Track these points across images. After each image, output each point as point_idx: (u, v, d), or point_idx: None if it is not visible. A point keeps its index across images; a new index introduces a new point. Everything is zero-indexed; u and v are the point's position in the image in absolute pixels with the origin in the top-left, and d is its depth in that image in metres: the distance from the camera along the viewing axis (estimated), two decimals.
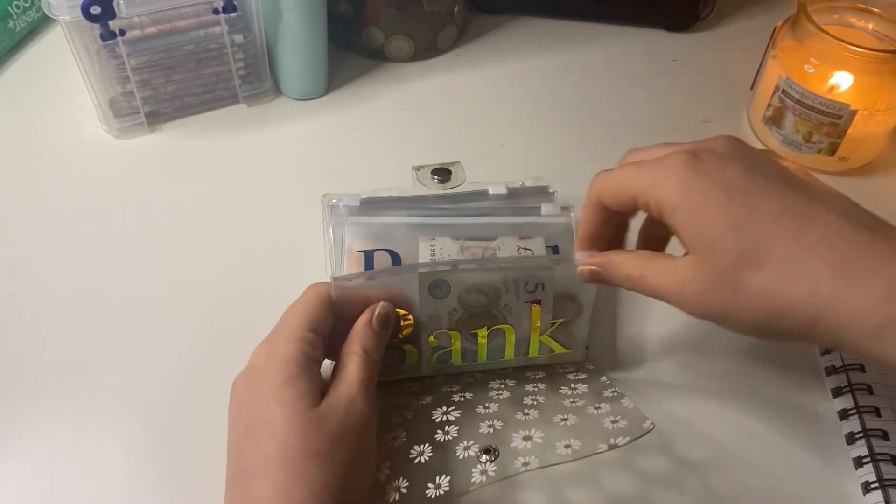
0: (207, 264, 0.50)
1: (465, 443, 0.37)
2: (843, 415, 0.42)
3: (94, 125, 0.59)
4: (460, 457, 0.37)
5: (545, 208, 0.47)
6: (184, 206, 0.54)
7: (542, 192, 0.49)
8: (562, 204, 0.48)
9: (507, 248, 0.45)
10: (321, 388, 0.35)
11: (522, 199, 0.48)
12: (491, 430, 0.38)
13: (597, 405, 0.39)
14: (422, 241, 0.46)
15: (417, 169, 0.49)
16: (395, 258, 0.45)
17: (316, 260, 0.50)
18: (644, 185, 0.33)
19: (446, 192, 0.48)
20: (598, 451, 0.36)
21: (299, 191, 0.55)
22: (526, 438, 0.37)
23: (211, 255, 0.51)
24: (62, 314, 0.47)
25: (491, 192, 0.48)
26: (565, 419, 0.38)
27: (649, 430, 0.36)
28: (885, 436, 0.41)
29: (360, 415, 0.35)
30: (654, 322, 0.47)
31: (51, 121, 0.59)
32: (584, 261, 0.38)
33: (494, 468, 0.36)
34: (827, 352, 0.45)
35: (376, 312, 0.38)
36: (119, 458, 0.41)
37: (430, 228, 0.46)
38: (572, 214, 0.47)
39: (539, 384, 0.42)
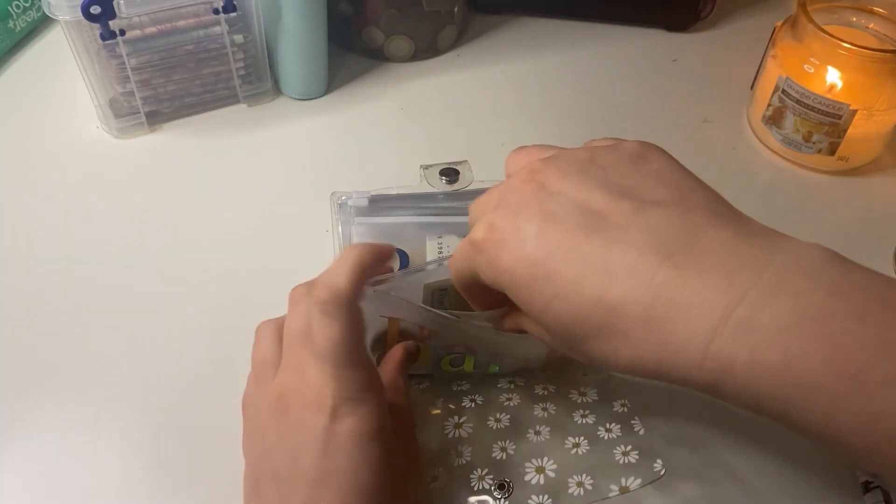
0: (207, 264, 0.50)
1: (479, 471, 0.38)
2: None
3: (94, 125, 0.59)
4: (475, 487, 0.37)
5: None
6: (184, 206, 0.54)
7: None
8: None
9: None
10: (395, 438, 0.34)
11: None
12: (503, 456, 0.38)
13: (607, 425, 0.39)
14: (429, 240, 0.46)
15: (425, 168, 0.49)
16: (403, 256, 0.46)
17: (317, 260, 0.49)
18: (472, 270, 0.32)
19: (454, 190, 0.48)
20: (611, 493, 0.36)
21: (300, 191, 0.55)
22: (539, 471, 0.37)
23: (211, 256, 0.51)
24: (62, 314, 0.47)
25: None
26: (577, 444, 0.38)
27: (660, 477, 0.36)
28: None
29: (415, 454, 0.37)
30: None
31: (51, 121, 0.59)
32: (504, 326, 0.36)
33: None
34: None
35: (408, 352, 0.39)
36: (118, 458, 0.41)
37: (437, 227, 0.47)
38: None
39: (548, 385, 0.42)
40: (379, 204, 0.48)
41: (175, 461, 0.41)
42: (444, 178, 0.48)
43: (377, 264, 0.35)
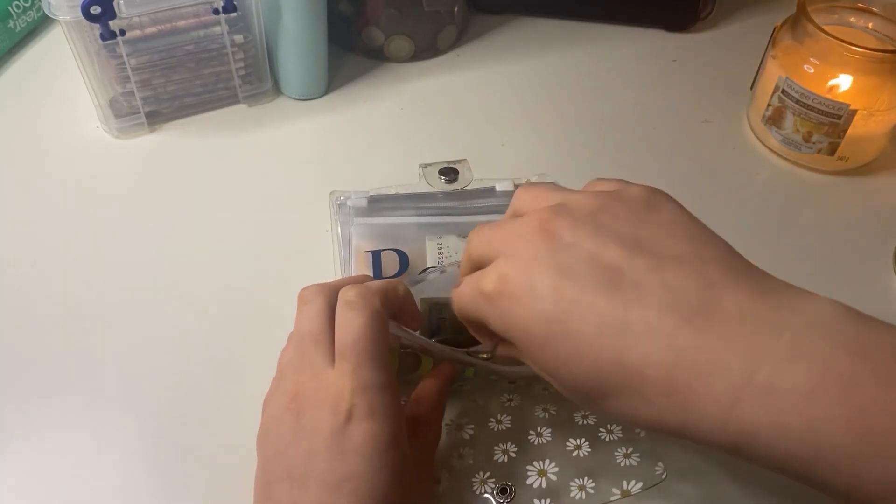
0: (207, 264, 0.50)
1: (482, 474, 0.38)
2: None
3: (94, 125, 0.59)
4: (477, 491, 0.37)
5: None
6: (184, 206, 0.54)
7: None
8: None
9: None
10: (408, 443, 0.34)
11: None
12: (505, 458, 0.38)
13: (609, 426, 0.39)
14: (429, 241, 0.46)
15: (424, 167, 0.49)
16: (403, 257, 0.46)
17: (317, 260, 0.50)
18: (478, 317, 0.31)
19: (454, 190, 0.48)
20: (612, 497, 0.36)
21: (299, 191, 0.55)
22: (541, 473, 0.38)
23: (211, 256, 0.51)
24: (61, 314, 0.47)
25: (498, 188, 0.48)
26: (578, 447, 0.38)
27: (662, 480, 0.37)
28: None
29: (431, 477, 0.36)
30: None
31: (51, 121, 0.59)
32: (497, 354, 0.35)
33: None
34: None
35: (453, 376, 0.39)
36: (117, 458, 0.41)
37: (436, 227, 0.47)
38: None
39: (549, 386, 0.42)
40: (378, 204, 0.48)
41: (175, 461, 0.41)
42: (443, 177, 0.48)
43: (406, 307, 0.36)
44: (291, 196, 0.54)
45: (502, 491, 0.37)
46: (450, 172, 0.48)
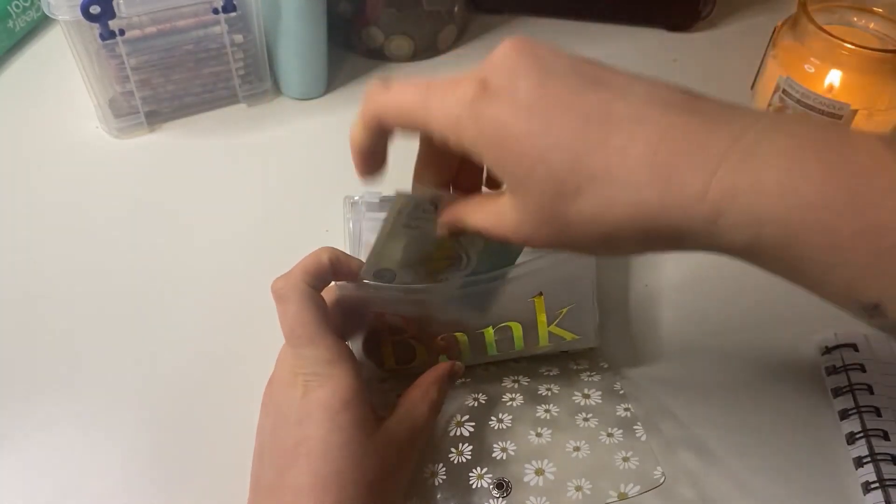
0: (207, 264, 0.50)
1: (479, 469, 0.38)
2: (844, 415, 0.42)
3: (93, 125, 0.59)
4: (473, 486, 0.37)
5: None
6: (183, 206, 0.54)
7: None
8: None
9: None
10: (374, 408, 0.35)
11: None
12: (504, 456, 0.38)
13: (609, 430, 0.39)
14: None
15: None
16: None
17: None
18: (437, 119, 0.30)
19: None
20: (609, 500, 0.36)
21: (299, 190, 0.55)
22: (538, 472, 0.37)
23: (211, 255, 0.51)
24: (61, 314, 0.47)
25: None
26: (577, 448, 0.38)
27: (659, 484, 0.36)
28: (885, 436, 0.41)
29: (414, 457, 0.36)
30: (663, 313, 0.47)
31: (50, 120, 0.59)
32: (440, 220, 0.35)
33: None
34: (828, 351, 0.45)
35: (454, 370, 0.40)
36: (117, 458, 0.41)
37: None
38: None
39: (553, 386, 0.42)
40: (389, 202, 0.48)
41: (176, 460, 0.41)
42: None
43: (340, 268, 0.38)
44: (291, 195, 0.54)
45: (498, 486, 0.37)
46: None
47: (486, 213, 0.32)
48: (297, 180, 0.56)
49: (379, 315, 0.41)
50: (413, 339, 0.41)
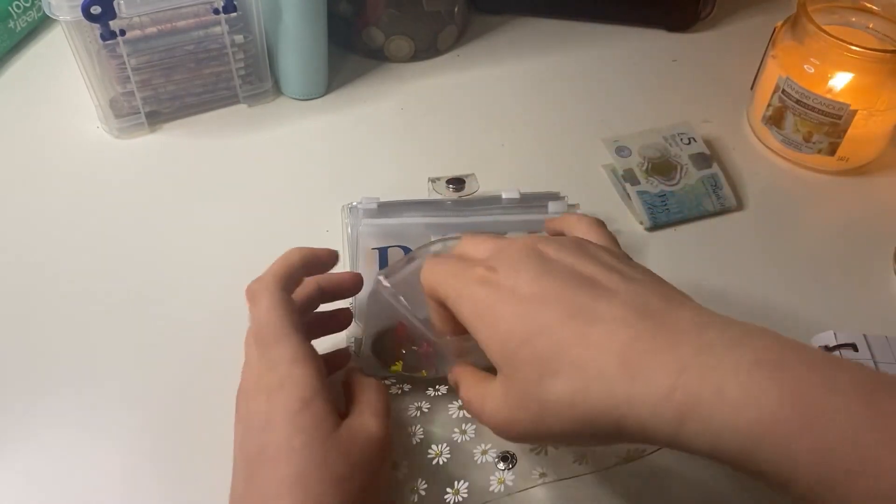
0: (207, 264, 0.50)
1: (483, 446, 0.38)
2: None
3: (94, 125, 0.59)
4: (478, 461, 0.38)
5: (552, 206, 0.49)
6: (184, 206, 0.54)
7: (553, 197, 0.50)
8: (569, 202, 0.49)
9: None
10: (335, 405, 0.35)
11: (533, 201, 0.50)
12: None
13: None
14: (433, 238, 0.47)
15: (434, 181, 0.50)
16: (409, 253, 0.46)
17: None
18: (448, 295, 0.33)
19: (461, 197, 0.49)
20: (614, 461, 0.37)
21: (300, 191, 0.55)
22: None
23: (210, 255, 0.51)
24: (62, 314, 0.47)
25: (504, 197, 0.49)
26: None
27: (657, 450, 0.37)
28: None
29: (380, 441, 0.35)
30: None
31: (51, 121, 0.59)
32: (450, 373, 0.37)
33: (513, 477, 0.37)
34: (827, 350, 0.45)
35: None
36: (117, 459, 0.41)
37: (441, 228, 0.47)
38: (578, 211, 0.49)
39: None
40: (387, 208, 0.48)
41: (176, 460, 0.41)
42: (451, 186, 0.50)
43: (312, 264, 0.39)
44: (291, 196, 0.54)
45: (503, 459, 0.38)
46: (457, 182, 0.50)
47: (475, 392, 0.34)
48: (298, 180, 0.56)
49: (402, 323, 0.41)
50: (425, 355, 0.41)
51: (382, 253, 0.46)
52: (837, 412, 0.24)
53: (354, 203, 0.48)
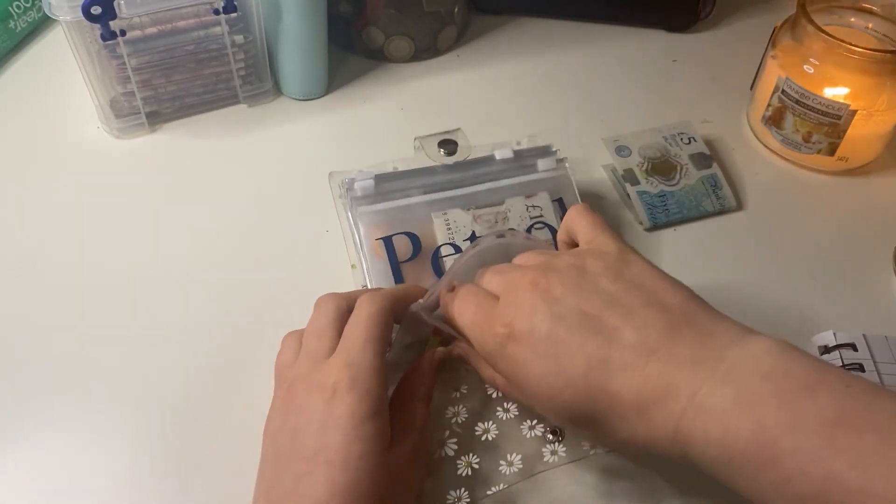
0: (208, 264, 0.50)
1: (529, 422, 0.40)
2: None
3: (94, 125, 0.59)
4: (527, 436, 0.40)
5: (541, 163, 0.50)
6: (184, 206, 0.54)
7: (546, 152, 0.51)
8: (557, 157, 0.51)
9: (515, 210, 0.48)
10: (391, 428, 0.36)
11: (526, 159, 0.51)
12: None
13: None
14: (435, 218, 0.48)
15: (422, 139, 0.51)
16: (415, 240, 0.47)
17: (318, 259, 0.50)
18: (480, 349, 0.37)
19: (455, 162, 0.50)
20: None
21: (300, 190, 0.55)
22: None
23: (211, 255, 0.51)
24: (62, 314, 0.47)
25: (497, 156, 0.50)
26: None
27: None
28: None
29: (419, 461, 0.37)
30: None
31: (51, 121, 0.59)
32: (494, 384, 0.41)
33: (564, 449, 0.39)
34: (827, 351, 0.45)
35: (436, 357, 0.41)
36: (117, 458, 0.41)
37: (439, 203, 0.48)
38: (567, 165, 0.51)
39: None
40: (383, 186, 0.48)
41: (177, 460, 0.41)
42: (442, 149, 0.50)
43: (413, 298, 0.41)
44: (292, 196, 0.55)
45: (553, 432, 0.40)
46: (448, 144, 0.50)
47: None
48: (298, 180, 0.56)
49: (437, 328, 0.42)
50: (458, 358, 0.42)
51: (388, 242, 0.47)
52: (796, 451, 0.28)
53: (348, 180, 0.48)
